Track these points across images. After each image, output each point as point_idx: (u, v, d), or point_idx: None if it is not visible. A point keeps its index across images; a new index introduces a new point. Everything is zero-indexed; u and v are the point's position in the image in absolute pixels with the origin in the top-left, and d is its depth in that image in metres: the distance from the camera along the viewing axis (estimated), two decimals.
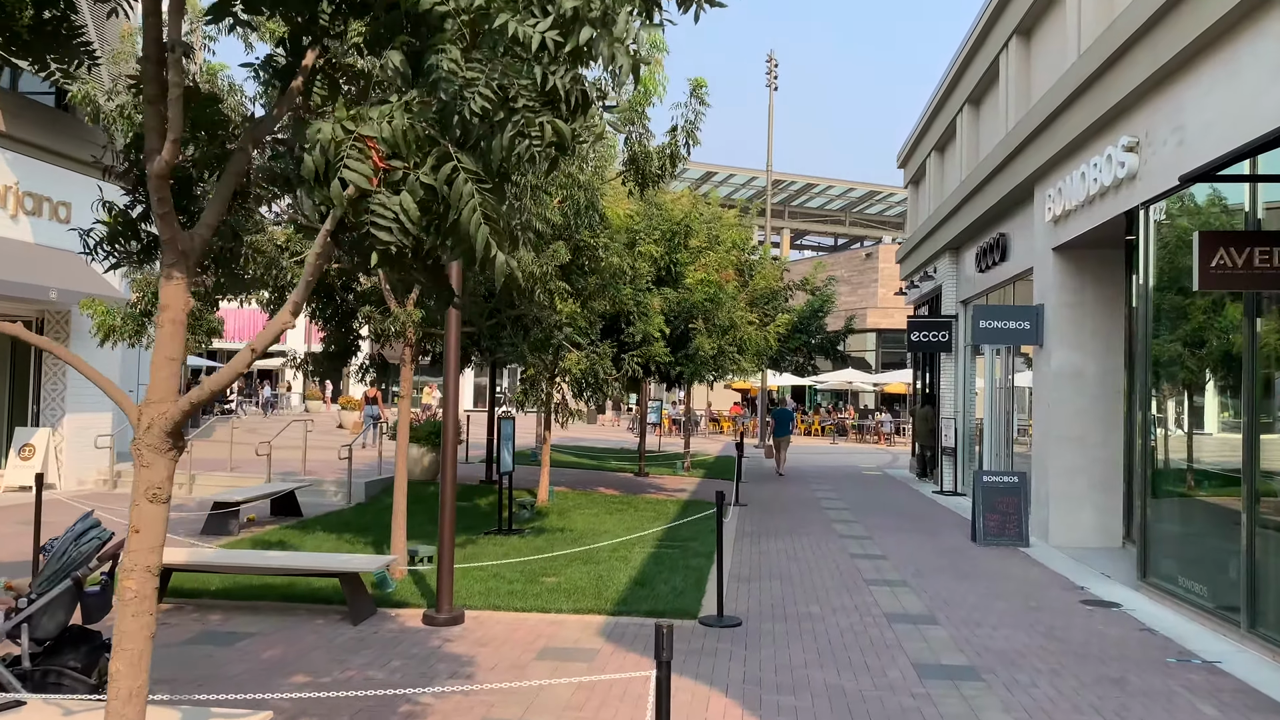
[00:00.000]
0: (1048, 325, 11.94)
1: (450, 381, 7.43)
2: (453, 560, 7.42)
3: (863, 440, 35.65)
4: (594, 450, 25.82)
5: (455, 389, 7.43)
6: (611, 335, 13.68)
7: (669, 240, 13.86)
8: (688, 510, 14.13)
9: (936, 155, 19.88)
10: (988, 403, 15.99)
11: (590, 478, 18.56)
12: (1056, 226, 11.61)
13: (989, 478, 11.85)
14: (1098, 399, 11.67)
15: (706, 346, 13.30)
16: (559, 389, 10.08)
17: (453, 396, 7.44)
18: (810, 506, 15.17)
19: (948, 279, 18.21)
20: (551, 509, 13.87)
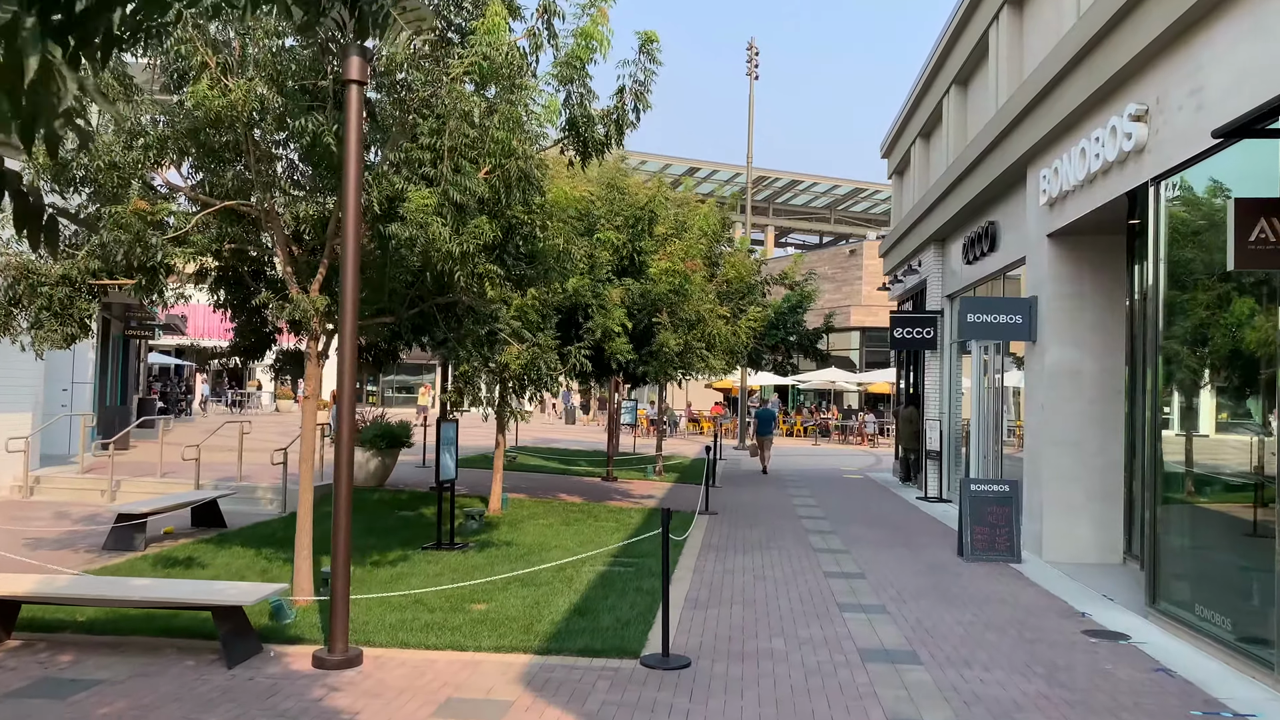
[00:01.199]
0: (1042, 319, 10.90)
1: (345, 379, 6.29)
2: (347, 591, 6.28)
3: (845, 441, 34.67)
4: (565, 452, 24.70)
5: (350, 387, 6.29)
6: (569, 330, 12.56)
7: (632, 227, 12.75)
8: (652, 521, 13.01)
9: (921, 143, 18.84)
10: (975, 404, 14.96)
11: (553, 483, 17.44)
12: (1052, 211, 10.57)
13: (977, 486, 10.79)
14: (1096, 400, 10.63)
15: (671, 343, 12.20)
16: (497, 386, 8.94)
17: (348, 396, 6.30)
18: (785, 515, 14.09)
19: (933, 272, 17.18)
20: (503, 519, 12.74)
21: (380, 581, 8.89)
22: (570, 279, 11.67)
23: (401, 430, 15.01)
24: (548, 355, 8.62)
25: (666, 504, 14.98)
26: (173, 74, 6.99)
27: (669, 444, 30.68)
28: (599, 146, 7.66)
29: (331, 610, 6.22)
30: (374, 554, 10.35)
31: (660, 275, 12.11)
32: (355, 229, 6.14)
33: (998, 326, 11.23)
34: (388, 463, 15.07)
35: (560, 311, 12.08)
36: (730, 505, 15.09)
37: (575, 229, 12.25)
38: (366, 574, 9.25)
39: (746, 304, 14.23)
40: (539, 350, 8.53)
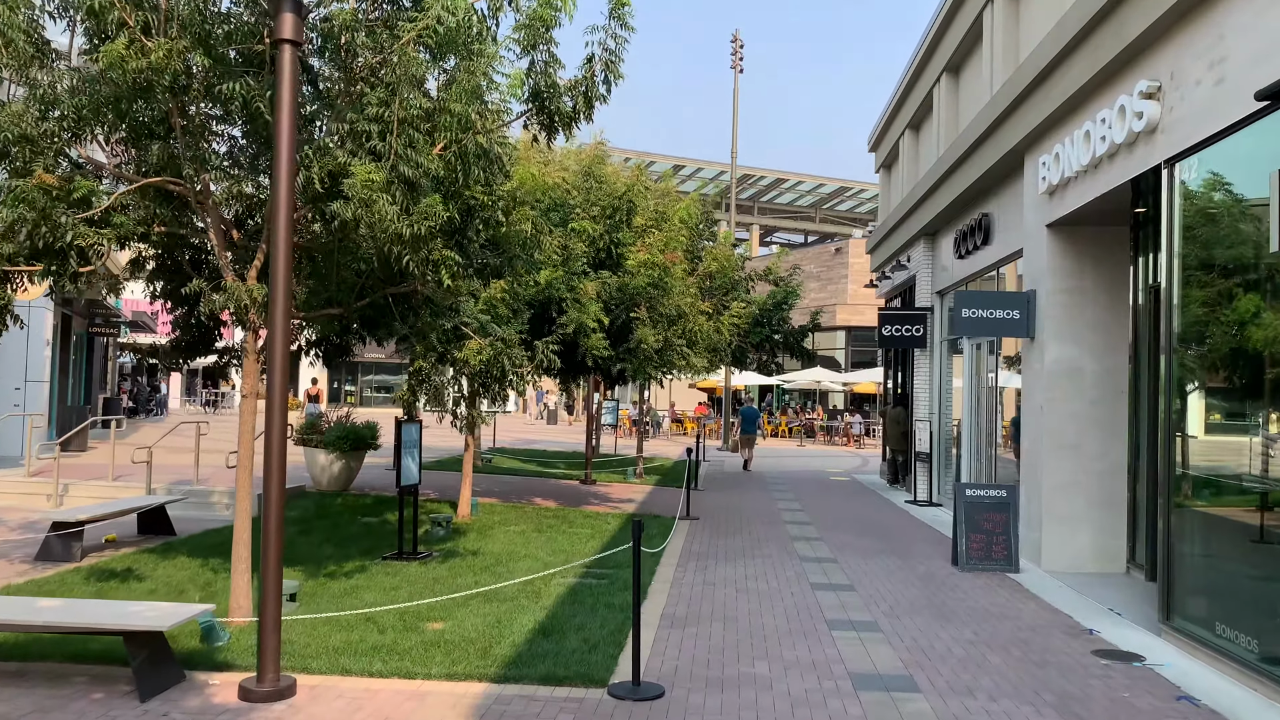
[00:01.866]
0: (1040, 315, 10.31)
1: (275, 375, 5.60)
2: (278, 614, 5.59)
3: (831, 442, 34.13)
4: (544, 454, 24.01)
5: (282, 386, 5.60)
6: (542, 326, 11.89)
7: (609, 217, 12.10)
8: (629, 527, 12.34)
9: (911, 134, 18.27)
10: (967, 404, 14.38)
11: (529, 486, 16.75)
12: (1052, 200, 9.98)
13: (973, 492, 10.19)
14: (1098, 401, 10.06)
15: (650, 339, 11.55)
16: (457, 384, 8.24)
17: (279, 395, 5.61)
18: (770, 520, 13.47)
19: (922, 268, 16.61)
20: (472, 526, 12.05)
21: (332, 596, 8.20)
22: (543, 271, 11.03)
23: (368, 431, 14.30)
24: (512, 350, 7.93)
25: (646, 509, 14.33)
26: (91, 36, 6.28)
27: (652, 445, 30.04)
28: (566, 120, 6.98)
29: (260, 636, 5.53)
30: (330, 565, 9.65)
31: (638, 268, 11.46)
32: (287, 206, 5.46)
33: (994, 322, 10.64)
34: (353, 466, 14.35)
35: (533, 305, 11.41)
36: (713, 510, 14.45)
37: (547, 217, 11.60)
38: (318, 587, 8.56)
39: (730, 300, 13.57)
40: (502, 345, 7.84)
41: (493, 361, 7.77)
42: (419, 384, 7.85)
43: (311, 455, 14.29)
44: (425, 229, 6.08)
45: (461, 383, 8.09)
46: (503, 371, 7.85)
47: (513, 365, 7.89)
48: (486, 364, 7.76)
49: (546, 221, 10.92)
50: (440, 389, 7.93)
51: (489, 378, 7.83)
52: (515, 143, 11.13)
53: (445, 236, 7.05)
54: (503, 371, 7.85)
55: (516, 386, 8.25)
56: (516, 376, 8.24)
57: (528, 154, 11.24)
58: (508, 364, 7.80)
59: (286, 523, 12.17)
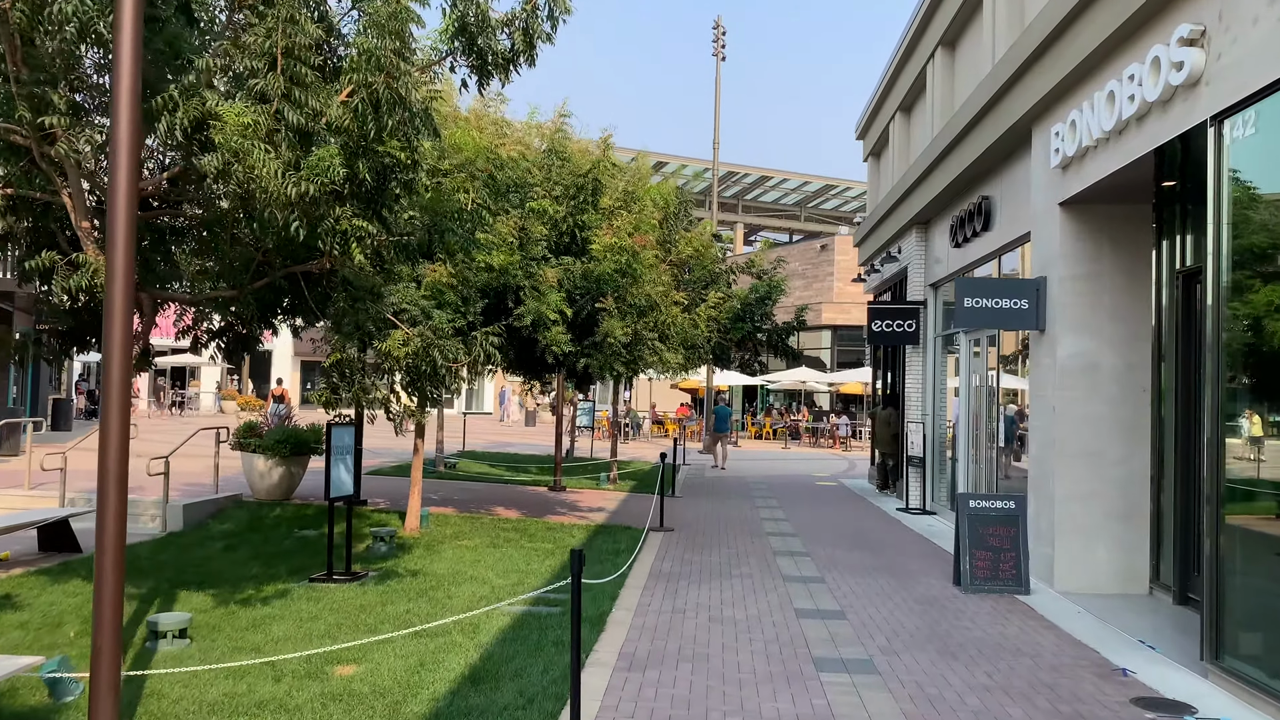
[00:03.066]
0: (1052, 304, 9.21)
1: (113, 371, 4.38)
2: (116, 671, 4.37)
3: (817, 445, 33.06)
4: (515, 458, 22.78)
5: (123, 383, 4.38)
6: (498, 317, 10.70)
7: (573, 198, 10.91)
8: (596, 540, 11.18)
9: (902, 117, 17.18)
10: (964, 404, 13.29)
11: (492, 494, 15.54)
12: (1065, 175, 8.88)
13: (977, 504, 9.07)
14: (1117, 401, 8.96)
15: (618, 331, 10.37)
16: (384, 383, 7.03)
17: (117, 398, 4.39)
18: (751, 531, 12.32)
19: (914, 259, 15.51)
20: (420, 541, 10.84)
21: (236, 629, 6.99)
22: (495, 254, 9.84)
23: (311, 435, 13.05)
24: (444, 342, 6.71)
25: (616, 519, 13.15)
26: None
27: (632, 447, 28.87)
28: (501, 62, 5.82)
29: (91, 702, 4.32)
30: (248, 587, 8.43)
31: (603, 252, 10.28)
32: (130, 152, 4.25)
33: (999, 313, 9.53)
34: (294, 472, 13.10)
35: (487, 294, 10.22)
36: (689, 520, 13.29)
37: (506, 197, 10.43)
38: (224, 617, 7.34)
39: (708, 293, 12.40)
40: (432, 335, 6.63)
41: (421, 354, 6.57)
42: (340, 380, 6.64)
43: (249, 461, 13.04)
44: (317, 189, 4.89)
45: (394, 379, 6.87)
46: (433, 366, 6.64)
47: (445, 359, 6.69)
48: (414, 357, 6.56)
49: (495, 196, 9.76)
50: (366, 385, 6.71)
51: (418, 373, 6.63)
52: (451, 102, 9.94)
53: (358, 204, 5.86)
54: (433, 366, 6.64)
55: (449, 384, 7.02)
56: (448, 372, 7.02)
57: (478, 124, 10.06)
58: (439, 357, 6.60)
59: (213, 537, 10.94)
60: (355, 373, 6.70)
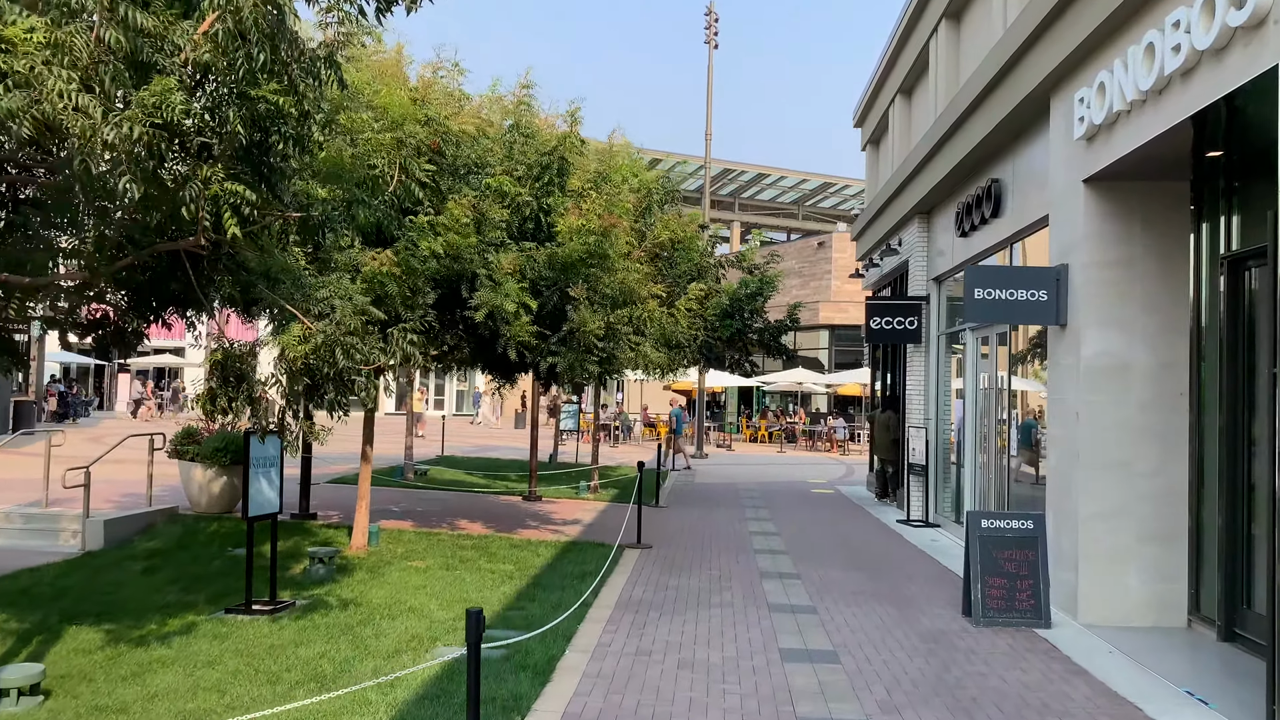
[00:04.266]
0: (1075, 295, 8.09)
1: None
2: None
3: (814, 448, 31.93)
4: (496, 464, 21.63)
5: None
6: (452, 310, 9.58)
7: (537, 178, 9.78)
8: (563, 560, 10.05)
9: (903, 100, 16.06)
10: (970, 408, 12.18)
11: (460, 505, 14.40)
12: (1091, 147, 7.76)
13: (990, 523, 7.94)
14: (1150, 405, 7.84)
15: (590, 324, 9.23)
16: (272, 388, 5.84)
17: None
18: (738, 547, 11.19)
19: (916, 251, 14.39)
20: (366, 561, 9.71)
21: (114, 678, 5.88)
22: (440, 238, 8.71)
23: None
24: (353, 340, 5.53)
25: (591, 533, 12.01)
26: None
27: (622, 451, 27.72)
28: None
29: None
30: (151, 621, 7.31)
31: (570, 235, 9.15)
32: None
33: (1014, 305, 8.41)
34: (238, 484, 11.96)
35: (438, 284, 9.10)
36: (670, 534, 12.16)
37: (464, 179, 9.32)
38: (104, 662, 6.22)
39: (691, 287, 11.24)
40: (336, 330, 5.46)
41: (323, 353, 5.43)
42: (221, 386, 5.47)
43: (186, 471, 11.91)
44: (145, 131, 3.75)
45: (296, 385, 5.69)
46: (338, 369, 5.50)
47: (352, 359, 5.54)
48: (317, 355, 5.43)
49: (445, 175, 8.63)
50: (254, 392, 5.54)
51: (320, 375, 5.49)
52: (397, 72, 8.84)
53: (237, 166, 4.73)
54: (338, 369, 5.50)
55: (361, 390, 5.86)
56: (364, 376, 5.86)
57: (426, 93, 8.91)
58: (343, 358, 5.45)
59: (135, 557, 9.82)
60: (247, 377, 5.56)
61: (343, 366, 5.46)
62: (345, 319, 5.65)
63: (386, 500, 14.18)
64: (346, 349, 5.49)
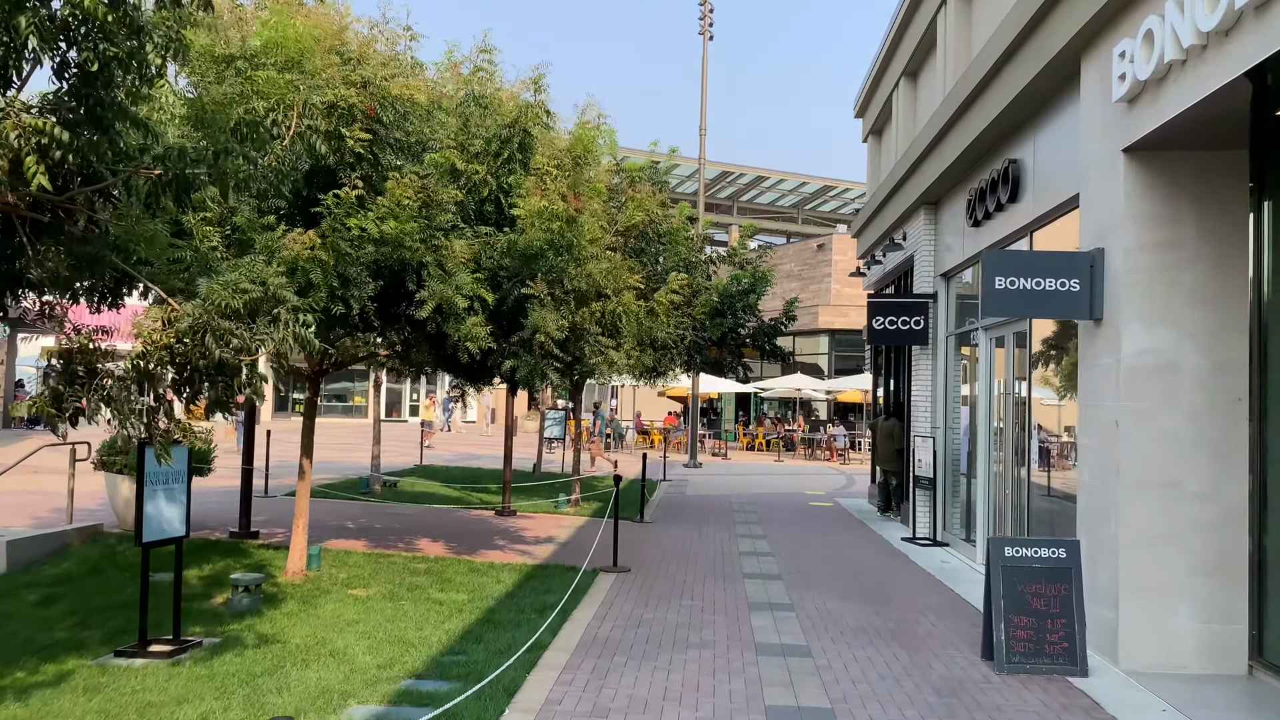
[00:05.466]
0: (1113, 284, 6.94)
1: None
2: None
3: (813, 456, 30.74)
4: (477, 474, 20.44)
5: None
6: (396, 304, 8.43)
7: (496, 155, 8.63)
8: (526, 588, 8.88)
9: (907, 84, 14.93)
10: (984, 417, 11.02)
11: (424, 521, 13.22)
12: (1134, 110, 6.62)
13: (1015, 551, 6.77)
14: (1203, 413, 6.69)
15: (550, 325, 8.08)
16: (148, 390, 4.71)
17: None
18: (726, 572, 10.02)
19: (922, 245, 13.25)
20: (299, 589, 8.54)
21: None
22: (390, 221, 7.57)
23: (195, 454, 10.73)
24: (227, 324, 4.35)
25: (564, 555, 10.83)
26: None
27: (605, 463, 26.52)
28: None
29: None
30: (19, 668, 6.15)
31: (530, 218, 8.00)
32: None
33: (1040, 296, 7.26)
34: None
35: (380, 274, 7.96)
36: (652, 554, 10.99)
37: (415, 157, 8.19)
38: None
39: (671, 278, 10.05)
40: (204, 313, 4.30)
41: (190, 342, 4.28)
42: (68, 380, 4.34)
43: (113, 484, 10.76)
44: None
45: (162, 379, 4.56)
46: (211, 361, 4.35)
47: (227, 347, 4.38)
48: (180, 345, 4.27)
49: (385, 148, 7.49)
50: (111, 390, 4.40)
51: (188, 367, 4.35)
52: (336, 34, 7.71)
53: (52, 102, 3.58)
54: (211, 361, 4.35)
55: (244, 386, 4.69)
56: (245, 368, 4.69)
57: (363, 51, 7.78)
58: (215, 347, 4.29)
59: (38, 583, 8.66)
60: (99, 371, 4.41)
61: (217, 356, 4.29)
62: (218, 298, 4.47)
63: (344, 516, 13.02)
64: (220, 335, 4.33)
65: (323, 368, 9.23)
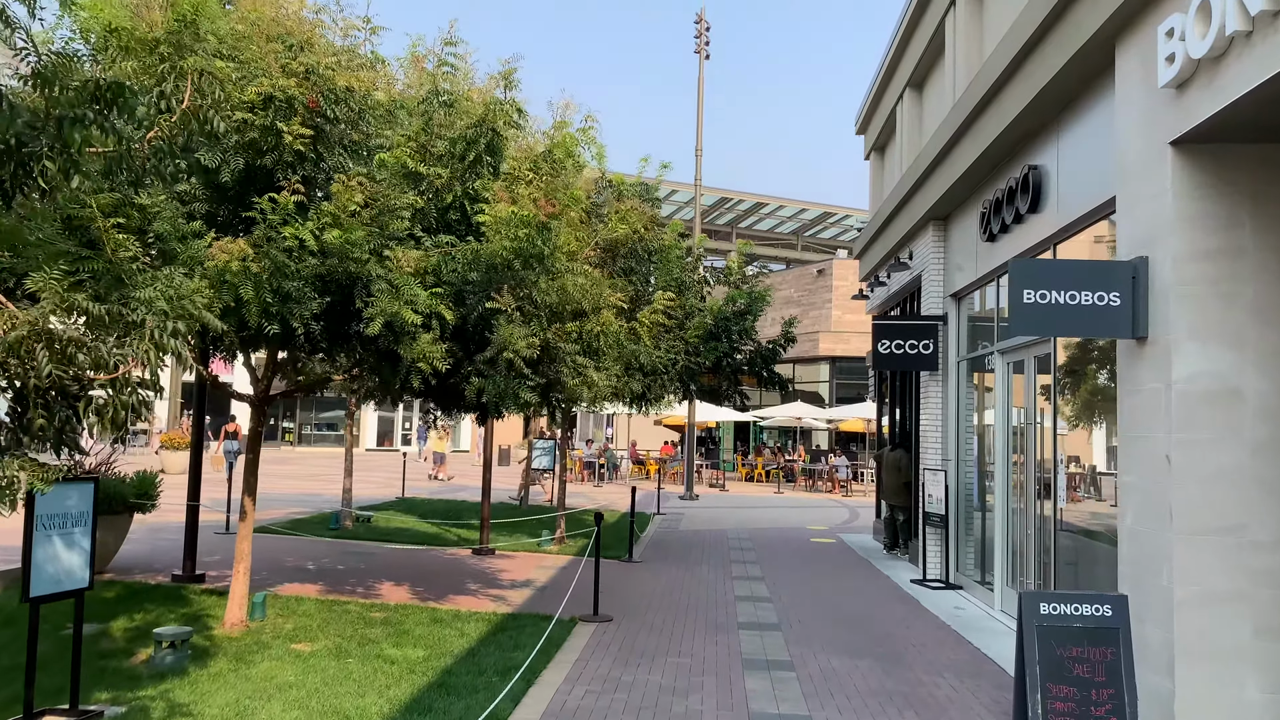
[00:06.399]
0: (1160, 298, 6.03)
1: None
2: None
3: (814, 488, 29.70)
4: (461, 506, 19.43)
5: None
6: (344, 322, 7.51)
7: (461, 159, 7.75)
8: (492, 642, 7.87)
9: (913, 96, 14.12)
10: (1001, 449, 10.07)
11: (392, 562, 12.22)
12: (1183, 96, 5.74)
13: (1052, 608, 5.79)
14: (1269, 448, 5.75)
15: (519, 342, 7.16)
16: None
17: None
18: (718, 622, 9.02)
19: (930, 264, 12.36)
20: (237, 643, 7.54)
21: None
22: (334, 230, 6.69)
23: (128, 489, 9.79)
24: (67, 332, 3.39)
25: (540, 602, 9.82)
26: None
27: (608, 491, 25.51)
28: None
29: None
30: None
31: (496, 226, 7.10)
32: None
33: (1076, 312, 6.34)
34: (108, 539, 9.82)
35: (328, 289, 7.06)
36: (638, 600, 9.98)
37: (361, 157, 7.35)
38: None
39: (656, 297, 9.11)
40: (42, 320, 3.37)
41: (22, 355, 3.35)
42: None
43: None
44: None
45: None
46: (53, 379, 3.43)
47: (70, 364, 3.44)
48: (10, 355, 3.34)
49: (294, 127, 6.61)
50: None
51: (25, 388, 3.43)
52: None
53: None
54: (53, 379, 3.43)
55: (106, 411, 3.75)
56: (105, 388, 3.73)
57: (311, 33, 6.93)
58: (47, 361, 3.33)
59: None
60: None
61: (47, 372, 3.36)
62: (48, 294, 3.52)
63: (306, 555, 12.02)
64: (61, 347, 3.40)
65: (269, 394, 8.29)
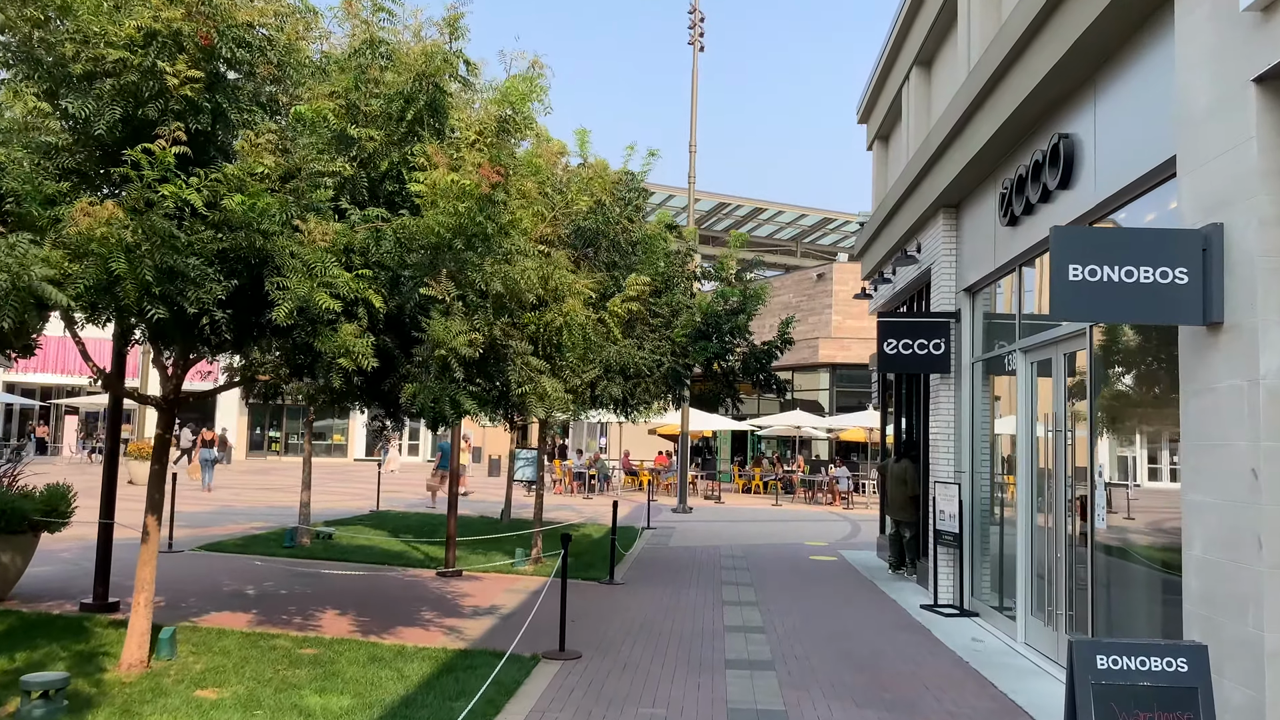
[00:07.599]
0: (1239, 273, 4.87)
1: None
2: None
3: (814, 500, 28.49)
4: (436, 521, 18.24)
5: None
6: (255, 310, 6.35)
7: (398, 119, 6.61)
8: (435, 687, 6.68)
9: (920, 75, 13.00)
10: (1024, 457, 8.91)
11: (343, 584, 11.02)
12: (1270, 21, 4.60)
13: (1110, 662, 4.61)
14: None
15: (455, 338, 6.01)
16: None
17: None
18: (702, 659, 7.83)
19: (941, 256, 11.22)
20: (130, 688, 6.36)
21: None
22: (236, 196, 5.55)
23: (36, 504, 8.62)
24: None
25: (502, 633, 8.63)
26: None
27: (597, 503, 24.32)
28: None
29: None
30: None
31: (432, 196, 5.95)
32: None
33: (1134, 293, 5.19)
34: (6, 562, 8.64)
35: (235, 270, 5.91)
36: (614, 631, 8.79)
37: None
38: None
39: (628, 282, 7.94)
40: None
41: None
42: None
43: None
44: None
45: None
46: None
47: None
48: None
49: (180, 68, 5.47)
50: None
51: None
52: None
53: None
54: None
55: None
56: None
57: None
58: None
59: None
60: None
61: None
62: None
63: (248, 579, 10.82)
64: None
65: (177, 395, 7.12)
